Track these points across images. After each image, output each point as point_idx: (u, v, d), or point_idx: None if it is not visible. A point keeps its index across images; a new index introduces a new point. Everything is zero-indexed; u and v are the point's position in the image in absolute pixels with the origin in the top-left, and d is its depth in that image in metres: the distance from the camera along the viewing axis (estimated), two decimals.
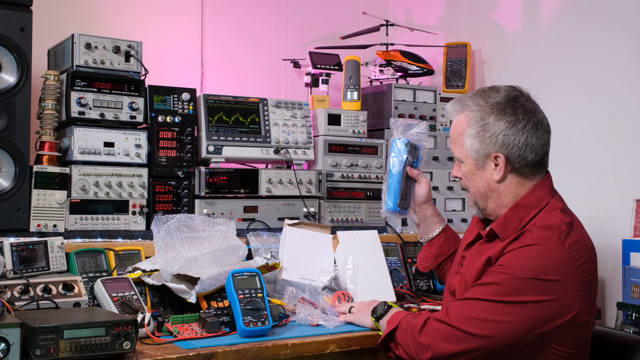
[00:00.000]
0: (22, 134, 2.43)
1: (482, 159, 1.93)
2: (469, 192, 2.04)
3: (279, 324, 2.20)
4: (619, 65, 2.97)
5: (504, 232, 1.91)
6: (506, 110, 1.92)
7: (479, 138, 1.92)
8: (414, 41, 3.66)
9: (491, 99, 1.95)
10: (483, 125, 1.92)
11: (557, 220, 1.87)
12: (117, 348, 1.77)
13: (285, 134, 2.99)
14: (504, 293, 1.78)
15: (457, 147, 2.00)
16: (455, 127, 2.00)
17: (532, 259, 1.78)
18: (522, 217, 1.91)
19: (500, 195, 1.94)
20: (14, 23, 2.41)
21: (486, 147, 1.92)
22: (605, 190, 3.00)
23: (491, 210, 1.98)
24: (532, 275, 1.77)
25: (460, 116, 1.98)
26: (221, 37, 3.58)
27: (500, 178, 1.93)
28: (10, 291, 2.09)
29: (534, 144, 1.91)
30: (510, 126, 1.90)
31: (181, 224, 2.40)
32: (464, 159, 1.98)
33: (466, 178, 2.00)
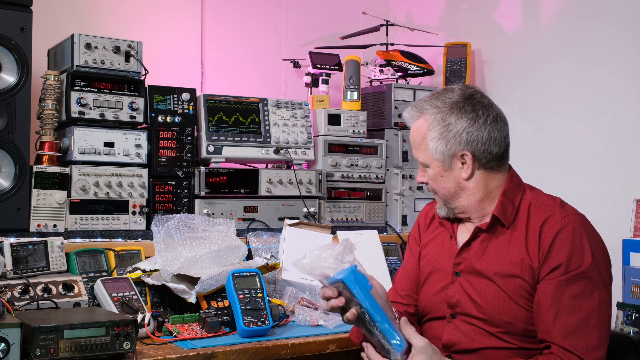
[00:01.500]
0: (22, 134, 2.43)
1: (449, 159, 1.92)
2: (436, 195, 2.01)
3: (279, 324, 2.20)
4: (619, 65, 2.97)
5: (505, 217, 1.92)
6: (465, 108, 1.92)
7: (443, 139, 1.91)
8: (414, 41, 3.66)
9: (448, 99, 1.94)
10: (445, 126, 1.91)
11: (550, 197, 1.95)
12: (117, 348, 1.77)
13: (285, 134, 2.99)
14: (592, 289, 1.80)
15: (420, 152, 1.97)
16: (415, 133, 1.98)
17: (582, 246, 1.82)
18: (512, 200, 1.94)
19: (472, 191, 1.95)
20: (14, 23, 2.41)
21: (451, 147, 1.91)
22: (605, 190, 3.00)
23: (464, 207, 1.97)
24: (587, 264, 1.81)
25: (419, 121, 1.96)
26: (221, 37, 3.58)
27: (468, 175, 1.93)
28: (10, 291, 2.09)
29: (496, 137, 1.92)
30: (472, 123, 1.90)
31: (181, 224, 2.40)
32: (430, 162, 1.95)
33: (434, 181, 1.97)
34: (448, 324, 1.96)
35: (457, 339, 1.93)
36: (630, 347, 2.02)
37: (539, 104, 3.29)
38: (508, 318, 1.85)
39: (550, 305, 1.80)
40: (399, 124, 3.30)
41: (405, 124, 2.05)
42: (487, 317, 1.88)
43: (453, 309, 1.96)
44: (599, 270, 1.82)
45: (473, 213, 1.97)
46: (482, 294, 1.90)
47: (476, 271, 1.92)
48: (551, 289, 1.81)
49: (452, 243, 2.02)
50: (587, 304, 1.78)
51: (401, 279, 2.16)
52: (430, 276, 2.06)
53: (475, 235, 1.96)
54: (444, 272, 2.01)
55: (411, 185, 3.29)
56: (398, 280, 2.18)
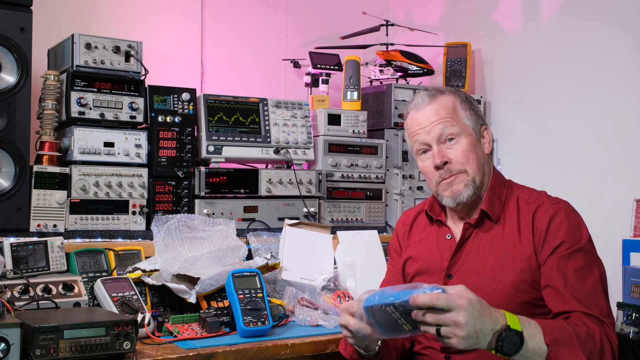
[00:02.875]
0: (22, 134, 2.43)
1: (478, 130, 1.96)
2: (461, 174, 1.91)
3: (279, 324, 2.20)
4: (619, 65, 2.97)
5: (493, 212, 1.94)
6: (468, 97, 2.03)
7: (471, 111, 1.96)
8: (414, 41, 3.66)
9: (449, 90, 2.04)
10: (469, 102, 1.98)
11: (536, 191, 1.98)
12: (117, 348, 1.77)
13: (285, 134, 2.99)
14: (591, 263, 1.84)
15: (455, 121, 1.92)
16: (443, 106, 1.94)
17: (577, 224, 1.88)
18: (499, 195, 1.96)
19: (490, 170, 1.99)
20: (14, 23, 2.41)
21: (478, 119, 1.97)
22: (605, 190, 3.00)
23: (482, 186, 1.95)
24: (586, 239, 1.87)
25: (444, 96, 1.97)
26: (221, 37, 3.58)
27: (490, 151, 1.99)
28: (10, 291, 2.09)
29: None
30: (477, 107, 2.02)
31: (181, 224, 2.40)
32: (464, 130, 1.92)
33: (468, 152, 1.91)
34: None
35: None
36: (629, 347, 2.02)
37: (539, 104, 3.29)
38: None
39: (559, 278, 1.82)
40: (399, 124, 3.30)
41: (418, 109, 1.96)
42: None
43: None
44: (594, 247, 1.89)
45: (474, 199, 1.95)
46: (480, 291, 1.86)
47: (471, 270, 1.92)
48: (555, 265, 1.84)
49: (448, 243, 1.99)
50: (591, 277, 1.82)
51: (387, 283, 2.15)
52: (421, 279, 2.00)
53: (466, 233, 1.95)
54: (437, 275, 1.96)
55: (411, 185, 3.29)
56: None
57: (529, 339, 1.59)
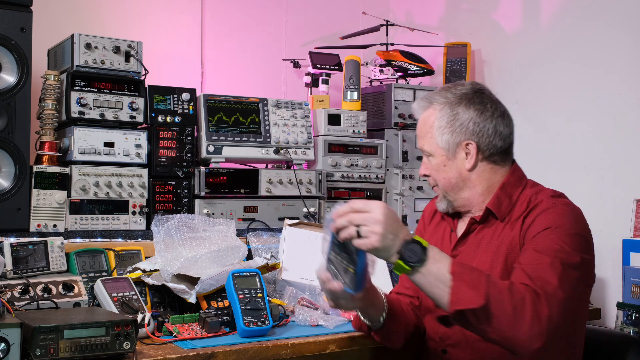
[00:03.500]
0: (22, 134, 2.43)
1: (453, 148, 1.94)
2: (437, 187, 2.02)
3: (279, 324, 2.20)
4: (619, 65, 2.97)
5: (499, 210, 1.92)
6: (474, 99, 1.95)
7: (450, 127, 1.93)
8: (414, 41, 3.66)
9: (458, 91, 1.97)
10: (453, 115, 1.93)
11: (551, 191, 1.94)
12: (117, 348, 1.77)
13: (285, 134, 2.99)
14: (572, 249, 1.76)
15: (426, 141, 1.98)
16: (423, 123, 2.00)
17: (569, 217, 1.82)
18: (510, 194, 1.94)
19: (474, 183, 1.96)
20: (14, 23, 2.41)
21: (457, 136, 1.93)
22: (605, 190, 3.00)
23: (464, 200, 1.98)
24: (578, 231, 1.81)
25: (428, 111, 1.99)
26: (221, 37, 3.58)
27: (471, 166, 1.94)
28: (10, 291, 2.09)
29: (502, 132, 1.95)
30: (479, 114, 1.93)
31: (181, 224, 2.40)
32: (434, 151, 1.97)
33: (436, 171, 1.98)
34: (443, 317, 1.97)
35: (451, 332, 1.95)
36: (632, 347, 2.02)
37: (539, 104, 3.29)
38: None
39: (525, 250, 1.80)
40: (399, 124, 3.30)
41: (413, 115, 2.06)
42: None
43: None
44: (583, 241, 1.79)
45: (474, 207, 1.99)
46: None
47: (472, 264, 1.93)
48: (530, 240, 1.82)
49: (452, 236, 2.05)
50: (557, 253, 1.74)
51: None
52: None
53: (470, 227, 1.98)
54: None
55: (411, 185, 3.29)
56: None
57: (433, 261, 1.65)
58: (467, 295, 1.62)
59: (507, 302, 1.62)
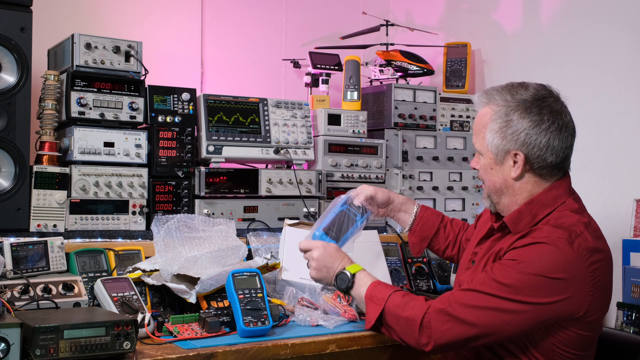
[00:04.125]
0: (22, 134, 2.43)
1: (502, 154, 1.91)
2: (484, 185, 2.03)
3: (279, 324, 2.19)
4: (619, 65, 2.97)
5: (516, 227, 1.90)
6: (532, 109, 1.89)
7: (501, 133, 1.90)
8: (414, 41, 3.66)
9: (518, 95, 1.92)
10: (506, 122, 1.89)
11: (571, 220, 1.86)
12: (117, 348, 1.77)
13: (285, 134, 2.99)
14: (511, 289, 1.77)
15: (478, 140, 1.98)
16: (478, 120, 1.99)
17: (541, 257, 1.77)
18: (535, 213, 1.90)
19: (515, 192, 1.93)
20: (14, 23, 2.41)
21: (507, 144, 1.90)
22: (605, 190, 3.00)
23: (504, 205, 1.97)
24: (540, 272, 1.76)
25: (485, 109, 1.96)
26: (221, 37, 3.58)
27: (517, 176, 1.91)
28: (10, 291, 2.09)
29: (555, 146, 1.89)
30: (533, 125, 1.88)
31: (181, 224, 2.40)
32: (484, 152, 1.96)
33: (483, 171, 1.98)
34: None
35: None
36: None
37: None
38: None
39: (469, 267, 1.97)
40: (399, 124, 3.30)
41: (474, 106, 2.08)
42: None
43: None
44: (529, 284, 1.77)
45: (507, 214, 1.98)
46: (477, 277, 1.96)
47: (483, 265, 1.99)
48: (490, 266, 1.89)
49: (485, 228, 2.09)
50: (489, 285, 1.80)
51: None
52: (463, 256, 2.19)
53: (490, 232, 2.02)
54: (467, 256, 2.11)
55: (411, 185, 3.29)
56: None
57: (357, 286, 2.06)
58: (371, 312, 1.99)
59: (400, 317, 1.92)
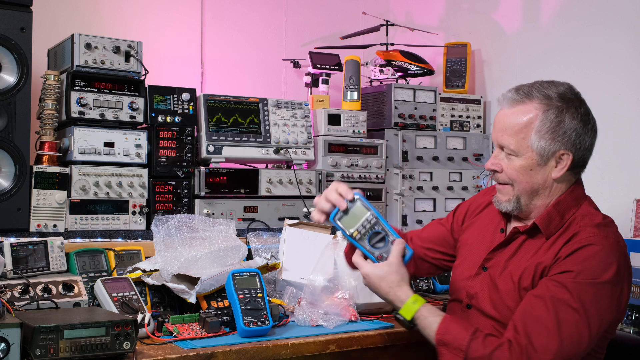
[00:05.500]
0: (22, 134, 2.43)
1: (547, 155, 1.83)
2: (508, 186, 1.90)
3: (279, 324, 2.20)
4: (619, 65, 2.97)
5: (548, 229, 1.85)
6: (581, 108, 1.86)
7: (551, 134, 1.82)
8: (414, 41, 3.66)
9: (560, 92, 1.86)
10: (558, 122, 1.82)
11: (600, 218, 1.86)
12: (117, 348, 1.77)
13: (285, 134, 2.99)
14: (586, 300, 1.71)
15: (515, 140, 1.84)
16: (516, 119, 1.84)
17: (600, 261, 1.74)
18: (563, 213, 1.86)
19: (552, 193, 1.88)
20: (14, 23, 2.41)
21: (556, 145, 1.82)
22: (605, 190, 2.99)
23: (535, 207, 1.89)
24: (606, 278, 1.73)
25: (525, 106, 1.84)
26: (221, 37, 3.58)
27: (560, 176, 1.85)
28: (10, 291, 2.09)
29: (592, 146, 1.89)
30: (583, 125, 1.84)
31: (181, 224, 2.40)
32: (523, 152, 1.84)
33: (519, 173, 1.86)
34: (463, 312, 1.98)
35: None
36: None
37: None
38: None
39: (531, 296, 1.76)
40: (399, 124, 3.30)
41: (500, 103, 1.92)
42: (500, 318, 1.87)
43: (469, 300, 1.96)
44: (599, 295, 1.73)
45: (535, 215, 1.91)
46: (502, 295, 1.87)
47: (503, 272, 1.89)
48: (544, 283, 1.76)
49: (499, 237, 1.98)
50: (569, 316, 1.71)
51: (428, 229, 2.21)
52: (465, 259, 2.05)
53: (513, 236, 1.92)
54: (475, 261, 1.99)
55: (411, 185, 3.29)
56: (424, 229, 2.23)
57: (422, 328, 1.87)
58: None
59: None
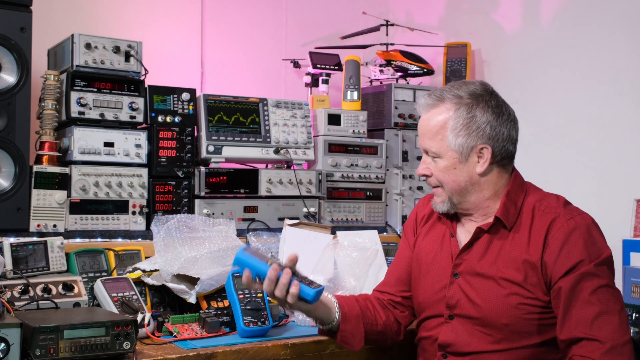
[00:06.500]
0: (22, 134, 2.43)
1: (467, 151, 1.88)
2: (438, 188, 1.96)
3: (279, 324, 2.20)
4: (619, 65, 2.97)
5: (508, 219, 1.89)
6: (491, 102, 1.90)
7: (465, 130, 1.87)
8: (414, 41, 3.66)
9: (471, 91, 1.90)
10: (470, 117, 1.87)
11: (553, 197, 1.94)
12: (117, 348, 1.78)
13: (285, 134, 2.99)
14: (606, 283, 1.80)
15: (434, 142, 1.90)
16: (432, 122, 1.91)
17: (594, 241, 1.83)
18: (515, 201, 1.92)
19: (482, 187, 1.92)
20: (14, 23, 2.41)
21: (472, 140, 1.87)
22: (605, 190, 2.99)
23: (471, 203, 1.94)
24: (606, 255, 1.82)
25: (437, 109, 1.91)
26: (221, 37, 3.57)
27: (483, 170, 1.89)
28: (10, 291, 2.09)
29: (513, 136, 1.92)
30: (496, 118, 1.88)
31: (181, 224, 2.40)
32: (444, 153, 1.90)
33: (444, 173, 1.92)
34: (446, 324, 1.95)
35: (452, 340, 1.92)
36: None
37: (539, 104, 3.29)
38: (506, 320, 1.84)
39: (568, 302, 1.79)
40: (399, 124, 3.30)
41: (418, 111, 1.99)
42: (486, 318, 1.87)
43: (451, 310, 1.94)
44: (610, 268, 1.83)
45: (477, 211, 1.96)
46: (482, 295, 1.88)
47: (477, 273, 1.91)
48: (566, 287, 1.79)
49: (452, 242, 2.00)
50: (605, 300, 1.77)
51: (394, 268, 2.17)
52: (427, 273, 2.03)
53: (477, 236, 1.94)
54: (442, 272, 1.99)
55: (411, 185, 3.29)
56: (390, 270, 2.19)
57: None
58: None
59: None
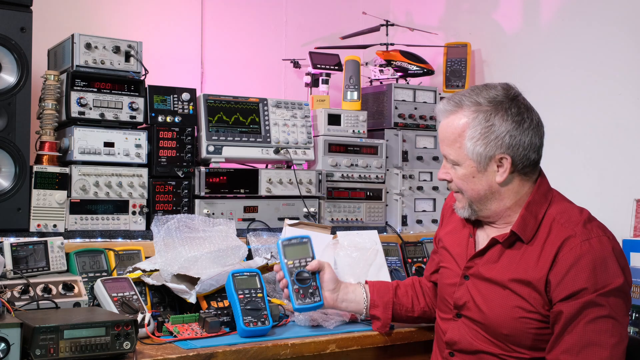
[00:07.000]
0: (22, 134, 2.43)
1: (485, 161, 1.82)
2: (459, 194, 1.92)
3: (279, 324, 2.20)
4: (619, 65, 2.97)
5: (525, 233, 1.83)
6: (511, 110, 1.83)
7: (484, 140, 1.81)
8: (414, 41, 3.66)
9: (491, 97, 1.84)
10: (488, 127, 1.81)
11: (577, 212, 1.84)
12: (117, 348, 1.78)
13: (285, 134, 2.99)
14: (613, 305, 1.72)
15: (453, 149, 1.86)
16: (450, 129, 1.86)
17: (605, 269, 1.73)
18: (536, 213, 1.85)
19: (502, 196, 1.87)
20: (14, 23, 2.41)
21: (491, 149, 1.81)
22: (605, 190, 2.99)
23: (491, 212, 1.90)
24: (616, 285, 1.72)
25: (456, 116, 1.85)
26: (221, 37, 3.57)
27: (503, 180, 1.84)
28: (10, 291, 2.09)
29: (536, 144, 1.85)
30: (516, 126, 1.82)
31: (181, 224, 2.40)
32: (463, 161, 1.86)
33: (463, 181, 1.88)
34: (453, 322, 1.96)
35: (458, 338, 1.94)
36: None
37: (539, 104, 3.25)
38: (507, 331, 1.83)
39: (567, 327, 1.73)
40: (399, 124, 3.30)
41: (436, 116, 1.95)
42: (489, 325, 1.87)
43: (459, 310, 1.96)
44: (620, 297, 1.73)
45: (498, 219, 1.92)
46: (487, 301, 1.87)
47: (485, 278, 1.89)
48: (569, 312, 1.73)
49: (469, 242, 1.98)
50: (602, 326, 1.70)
51: (434, 257, 2.23)
52: (445, 268, 2.07)
53: (491, 245, 1.91)
54: (455, 270, 2.00)
55: (411, 185, 3.29)
56: (431, 257, 2.26)
57: None
58: None
59: None
